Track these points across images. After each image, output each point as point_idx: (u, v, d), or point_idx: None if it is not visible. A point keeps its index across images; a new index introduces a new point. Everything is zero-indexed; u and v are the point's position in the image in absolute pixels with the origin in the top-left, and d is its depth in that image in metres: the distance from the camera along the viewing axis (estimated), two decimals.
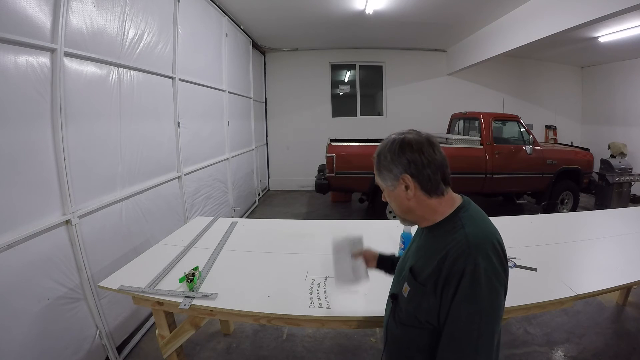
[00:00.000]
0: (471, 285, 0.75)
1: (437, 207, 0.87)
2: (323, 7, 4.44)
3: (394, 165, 0.87)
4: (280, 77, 7.07)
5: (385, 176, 0.89)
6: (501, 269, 0.78)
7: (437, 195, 0.86)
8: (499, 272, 0.77)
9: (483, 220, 0.87)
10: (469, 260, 0.76)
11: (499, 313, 0.78)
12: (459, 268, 0.76)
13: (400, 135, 0.89)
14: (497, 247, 0.80)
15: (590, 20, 3.23)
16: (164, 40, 2.82)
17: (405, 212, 0.91)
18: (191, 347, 2.21)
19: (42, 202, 1.67)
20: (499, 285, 0.77)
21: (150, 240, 2.46)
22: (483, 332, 0.75)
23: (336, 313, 1.29)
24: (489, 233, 0.83)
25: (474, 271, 0.75)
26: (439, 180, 0.85)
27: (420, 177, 0.85)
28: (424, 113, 7.10)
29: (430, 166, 0.84)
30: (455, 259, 0.78)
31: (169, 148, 2.96)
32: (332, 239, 1.24)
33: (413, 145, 0.85)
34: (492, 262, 0.77)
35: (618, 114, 6.59)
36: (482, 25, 5.22)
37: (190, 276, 1.46)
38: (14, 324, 1.48)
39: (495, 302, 0.76)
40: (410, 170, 0.85)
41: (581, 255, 1.79)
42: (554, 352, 2.15)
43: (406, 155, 0.85)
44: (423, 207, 0.88)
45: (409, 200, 0.87)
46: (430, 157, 0.84)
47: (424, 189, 0.86)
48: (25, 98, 1.58)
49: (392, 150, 0.87)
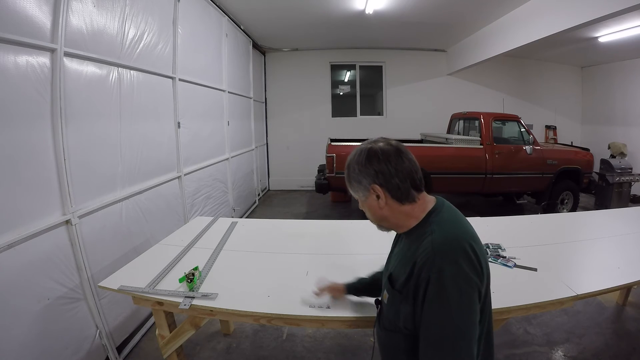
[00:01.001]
0: (437, 292, 0.76)
1: (411, 212, 0.88)
2: (323, 7, 4.44)
3: (362, 176, 0.88)
4: (280, 77, 7.07)
5: (356, 187, 0.91)
6: (472, 272, 0.77)
7: (408, 202, 0.87)
8: (468, 276, 0.76)
9: (454, 222, 0.86)
10: (433, 268, 0.76)
11: (473, 317, 0.77)
12: (425, 276, 0.77)
13: (368, 145, 0.90)
14: (467, 250, 0.78)
15: (590, 20, 3.23)
16: (164, 40, 2.82)
17: (380, 220, 0.93)
18: (191, 347, 2.21)
19: (42, 202, 1.67)
20: (469, 288, 0.76)
21: (150, 240, 2.46)
22: (457, 336, 0.75)
23: (336, 313, 1.29)
24: (458, 236, 0.81)
25: (439, 278, 0.75)
26: (408, 188, 0.86)
27: (389, 186, 0.86)
28: (424, 113, 7.11)
29: (398, 175, 0.85)
30: (421, 267, 0.79)
31: (169, 148, 2.96)
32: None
33: (379, 155, 0.86)
34: (460, 267, 0.76)
35: (618, 114, 6.59)
36: (482, 25, 5.22)
37: (190, 276, 1.46)
38: (14, 323, 1.48)
39: (466, 307, 0.76)
40: (379, 180, 0.86)
41: (581, 255, 1.79)
42: (554, 352, 2.15)
43: (373, 165, 0.86)
44: (396, 214, 0.89)
45: (382, 209, 0.89)
46: (397, 166, 0.85)
47: (395, 197, 0.87)
48: (25, 98, 1.58)
49: (360, 161, 0.88)
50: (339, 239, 2.05)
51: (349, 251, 1.84)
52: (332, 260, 1.74)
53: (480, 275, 0.79)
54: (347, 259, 1.73)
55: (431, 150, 4.78)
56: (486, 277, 0.82)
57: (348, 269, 1.59)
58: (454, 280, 0.75)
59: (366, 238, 2.05)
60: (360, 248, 1.86)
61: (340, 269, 1.62)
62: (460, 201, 6.00)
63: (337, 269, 1.63)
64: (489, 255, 1.71)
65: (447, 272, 0.75)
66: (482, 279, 0.80)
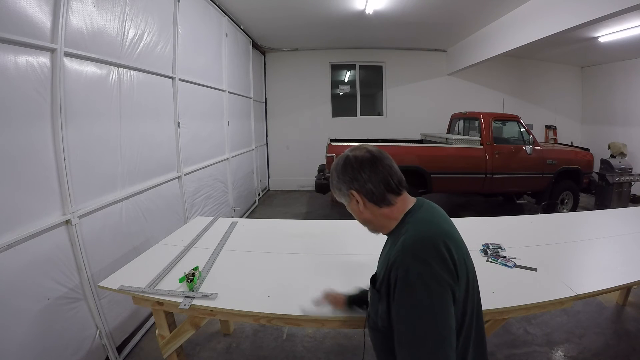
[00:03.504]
0: (404, 291, 0.77)
1: (390, 214, 0.93)
2: (323, 7, 4.44)
3: (340, 183, 0.95)
4: (280, 77, 7.07)
5: (338, 194, 0.98)
6: (443, 271, 0.77)
7: (385, 205, 0.92)
8: (438, 275, 0.76)
9: (429, 221, 0.88)
10: (401, 268, 0.78)
11: (445, 316, 0.76)
12: (394, 275, 0.80)
13: (346, 154, 0.96)
14: (439, 248, 0.79)
15: (590, 20, 3.23)
16: (164, 40, 2.82)
17: (365, 223, 0.99)
18: (191, 347, 2.21)
19: (42, 202, 1.67)
20: (439, 287, 0.76)
21: (150, 240, 2.46)
22: (428, 336, 0.74)
23: (336, 313, 1.29)
24: (431, 235, 0.82)
25: (405, 277, 0.77)
26: (383, 192, 0.91)
27: (364, 191, 0.91)
28: (424, 113, 7.11)
29: (371, 181, 0.90)
30: (393, 266, 0.81)
31: (169, 148, 2.96)
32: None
33: (354, 163, 0.92)
34: (429, 266, 0.76)
35: (618, 114, 6.59)
36: (482, 25, 5.22)
37: (190, 276, 1.46)
38: (14, 323, 1.48)
39: (437, 306, 0.75)
40: (355, 187, 0.92)
41: (581, 255, 1.79)
42: (554, 352, 2.15)
43: (348, 173, 0.92)
44: (377, 217, 0.94)
45: (362, 212, 0.95)
46: (371, 173, 0.90)
47: (372, 201, 0.92)
48: (25, 98, 1.58)
49: (338, 169, 0.96)
50: (339, 239, 2.05)
51: (349, 251, 1.84)
52: (332, 260, 1.73)
53: (454, 274, 0.79)
54: (347, 259, 1.73)
55: (431, 150, 4.77)
56: (465, 276, 0.82)
57: (348, 269, 1.59)
58: (421, 279, 0.75)
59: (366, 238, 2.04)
60: (360, 248, 1.86)
61: (340, 269, 1.62)
62: (460, 201, 6.00)
63: (336, 269, 1.63)
64: (489, 255, 1.71)
65: (414, 271, 0.76)
66: (457, 278, 0.79)
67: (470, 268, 0.87)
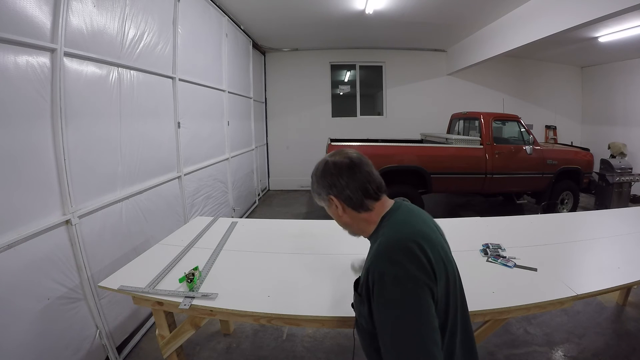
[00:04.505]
0: (380, 293, 0.78)
1: (368, 218, 0.95)
2: (323, 7, 4.44)
3: (320, 188, 0.97)
4: (280, 77, 7.07)
5: (318, 198, 1.00)
6: (419, 271, 0.77)
7: (364, 210, 0.94)
8: (413, 275, 0.76)
9: (404, 223, 0.88)
10: (376, 270, 0.79)
11: (427, 315, 0.75)
12: (371, 277, 0.81)
13: (325, 159, 0.98)
14: (412, 249, 0.79)
15: (590, 20, 3.23)
16: (164, 40, 2.82)
17: (345, 226, 1.01)
18: (191, 347, 2.21)
19: (42, 202, 1.67)
20: (416, 287, 0.76)
21: (150, 240, 2.46)
22: (411, 336, 0.74)
23: (336, 313, 1.29)
24: (403, 237, 0.82)
25: (380, 278, 0.78)
26: (360, 198, 0.92)
27: (342, 196, 0.93)
28: (424, 113, 7.11)
29: (349, 187, 0.92)
30: (370, 269, 0.83)
31: (169, 148, 2.96)
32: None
33: (332, 169, 0.93)
34: (404, 267, 0.77)
35: (618, 114, 6.59)
36: (482, 25, 5.22)
37: (190, 276, 1.46)
38: (14, 323, 1.48)
39: (416, 306, 0.75)
40: (333, 192, 0.94)
41: (581, 255, 1.79)
42: (554, 352, 2.15)
43: (327, 179, 0.94)
44: (357, 221, 0.96)
45: (342, 216, 0.97)
46: (349, 179, 0.91)
47: (350, 206, 0.94)
48: (25, 98, 1.58)
49: (317, 174, 0.97)
50: (339, 239, 2.03)
51: (349, 251, 1.83)
52: (332, 260, 1.73)
53: (430, 274, 0.78)
54: (347, 259, 1.73)
55: (431, 150, 4.77)
56: (444, 275, 0.82)
57: (348, 269, 1.60)
58: (396, 281, 0.76)
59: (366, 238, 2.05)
60: (360, 248, 1.85)
61: (340, 268, 1.62)
62: (460, 201, 5.99)
63: (337, 268, 1.63)
64: (489, 255, 1.71)
65: (389, 274, 0.77)
66: (434, 277, 0.79)
67: (450, 266, 0.87)
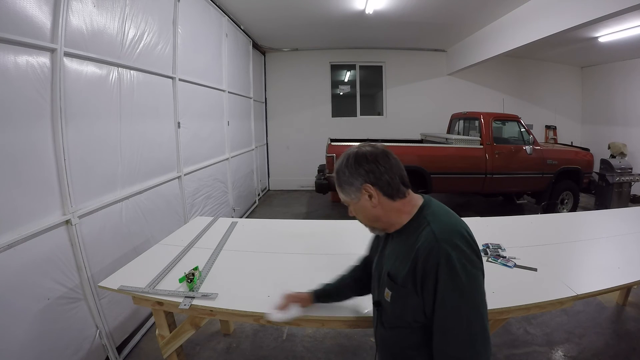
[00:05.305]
0: (449, 277, 0.78)
1: (402, 208, 0.92)
2: (323, 7, 4.44)
3: (353, 178, 0.91)
4: (280, 77, 7.07)
5: (348, 190, 0.93)
6: (474, 255, 0.82)
7: (399, 198, 0.91)
8: (472, 258, 0.80)
9: (446, 214, 0.90)
10: (441, 254, 0.79)
11: (482, 297, 0.81)
12: (433, 263, 0.79)
13: (354, 150, 0.94)
14: (465, 235, 0.83)
15: (590, 20, 3.23)
16: (164, 40, 2.82)
17: (373, 221, 0.95)
18: (191, 347, 2.21)
19: (42, 202, 1.67)
20: (475, 270, 0.80)
21: (150, 240, 2.46)
22: (472, 319, 0.77)
23: (336, 313, 1.29)
24: (454, 225, 0.86)
25: (448, 262, 0.78)
26: (398, 183, 0.91)
27: (380, 183, 0.90)
28: (424, 113, 7.11)
29: (387, 172, 0.90)
30: (427, 256, 0.80)
31: (169, 148, 2.96)
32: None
33: (368, 156, 0.91)
34: (463, 250, 0.80)
35: (618, 114, 6.59)
36: (482, 25, 5.22)
37: (190, 276, 1.46)
38: (14, 323, 1.48)
39: (475, 288, 0.79)
40: (370, 179, 0.90)
41: (581, 255, 1.79)
42: (554, 352, 2.15)
43: (363, 166, 0.90)
44: (389, 212, 0.92)
45: (375, 207, 0.92)
46: (386, 164, 0.90)
47: (386, 194, 0.90)
48: (25, 98, 1.58)
49: (349, 164, 0.92)
50: (339, 239, 2.05)
51: (348, 251, 1.83)
52: (332, 260, 1.73)
53: (480, 258, 0.84)
54: (347, 259, 1.72)
55: (431, 150, 4.77)
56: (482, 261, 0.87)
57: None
58: (461, 264, 0.78)
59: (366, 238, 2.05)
60: (361, 248, 1.85)
61: (340, 269, 1.62)
62: (460, 201, 5.99)
63: (336, 269, 1.62)
64: (489, 255, 1.71)
65: (453, 256, 0.78)
66: (481, 261, 0.84)
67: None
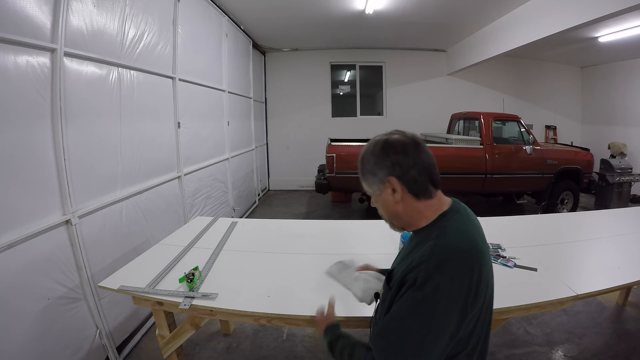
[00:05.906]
0: (414, 298, 0.71)
1: (424, 211, 0.83)
2: (323, 7, 4.44)
3: (378, 168, 0.82)
4: (280, 77, 7.07)
5: (371, 180, 0.85)
6: (462, 291, 0.70)
7: (425, 198, 0.82)
8: (454, 294, 0.70)
9: (463, 233, 0.79)
10: (422, 274, 0.71)
11: (441, 336, 0.70)
12: (412, 277, 0.73)
13: (384, 136, 0.85)
14: (467, 267, 0.72)
15: (590, 20, 3.23)
16: (164, 40, 2.82)
17: (393, 217, 0.87)
18: (191, 347, 2.21)
19: (42, 202, 1.67)
20: (450, 307, 0.70)
21: (150, 240, 2.46)
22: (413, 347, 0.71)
23: (336, 313, 1.28)
24: (464, 251, 0.74)
25: (422, 285, 0.70)
26: (426, 182, 0.82)
27: (406, 179, 0.80)
28: (424, 113, 7.11)
29: (415, 167, 0.80)
30: (412, 267, 0.74)
31: (169, 148, 2.96)
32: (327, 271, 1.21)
33: (397, 146, 0.81)
34: (450, 282, 0.70)
35: (618, 114, 6.59)
36: (482, 25, 5.22)
37: (190, 276, 1.46)
38: (14, 323, 1.48)
39: (439, 324, 0.70)
40: (396, 173, 0.80)
41: (581, 255, 1.79)
42: (554, 352, 2.15)
43: (390, 157, 0.81)
44: (410, 211, 0.83)
45: (397, 204, 0.83)
46: (415, 158, 0.81)
47: (411, 192, 0.81)
48: (25, 98, 1.58)
49: (375, 152, 0.83)
50: (339, 239, 2.05)
51: (349, 251, 1.83)
52: (332, 260, 1.72)
53: (470, 296, 0.71)
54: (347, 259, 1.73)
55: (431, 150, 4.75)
56: (483, 297, 0.75)
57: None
58: (435, 293, 0.69)
59: (366, 238, 2.05)
60: (361, 248, 1.86)
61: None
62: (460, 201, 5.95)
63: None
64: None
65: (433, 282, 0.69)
66: (473, 300, 0.72)
67: (490, 288, 0.80)
